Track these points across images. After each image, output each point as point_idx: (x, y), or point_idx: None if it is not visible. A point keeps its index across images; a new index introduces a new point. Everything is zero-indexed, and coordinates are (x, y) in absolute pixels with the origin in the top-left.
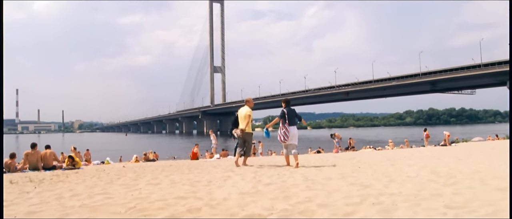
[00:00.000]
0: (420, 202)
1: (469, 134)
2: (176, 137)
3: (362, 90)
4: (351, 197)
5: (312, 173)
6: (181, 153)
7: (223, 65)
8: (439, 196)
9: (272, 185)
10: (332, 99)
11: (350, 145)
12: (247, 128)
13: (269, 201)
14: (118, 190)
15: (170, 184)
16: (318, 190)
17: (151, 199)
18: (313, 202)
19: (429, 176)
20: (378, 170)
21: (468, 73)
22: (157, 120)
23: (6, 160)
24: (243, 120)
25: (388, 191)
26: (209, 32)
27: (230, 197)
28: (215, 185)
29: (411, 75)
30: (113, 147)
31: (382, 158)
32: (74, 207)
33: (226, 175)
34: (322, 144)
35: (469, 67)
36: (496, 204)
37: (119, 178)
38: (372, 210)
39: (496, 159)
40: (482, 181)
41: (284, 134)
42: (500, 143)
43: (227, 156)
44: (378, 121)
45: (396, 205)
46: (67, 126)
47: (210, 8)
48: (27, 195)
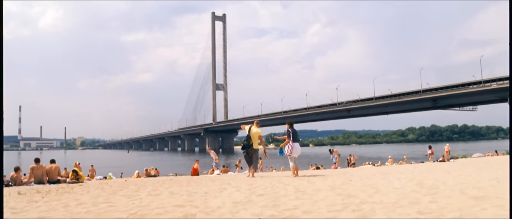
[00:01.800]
0: (396, 209)
1: (470, 151)
2: (178, 154)
3: (364, 107)
4: (335, 205)
5: (304, 185)
6: (183, 169)
7: (225, 83)
8: (416, 204)
9: (264, 195)
10: (334, 117)
11: (350, 161)
12: (255, 144)
13: (259, 209)
14: (120, 199)
15: (169, 195)
16: (306, 199)
17: (151, 206)
18: (299, 209)
19: (414, 187)
20: (367, 183)
21: (469, 90)
22: (159, 137)
23: (12, 174)
24: (255, 139)
25: (370, 200)
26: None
27: (224, 206)
28: (211, 195)
29: (412, 92)
30: (115, 164)
31: (376, 173)
32: (80, 213)
33: (223, 187)
34: (323, 160)
35: (470, 84)
36: (464, 210)
37: (122, 190)
38: (351, 216)
39: (485, 172)
40: (461, 191)
41: (289, 148)
42: (497, 158)
43: (228, 172)
44: (380, 138)
45: (375, 211)
46: (69, 143)
47: (213, 26)
48: (35, 204)
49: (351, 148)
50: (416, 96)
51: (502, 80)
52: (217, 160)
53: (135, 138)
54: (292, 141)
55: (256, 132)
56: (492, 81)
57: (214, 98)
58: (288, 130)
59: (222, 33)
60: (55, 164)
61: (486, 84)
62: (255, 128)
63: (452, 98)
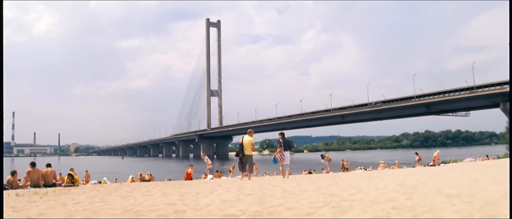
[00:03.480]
0: (373, 205)
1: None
2: (172, 160)
3: (358, 113)
4: (317, 202)
5: (292, 187)
6: (176, 175)
7: (220, 89)
8: (392, 201)
9: (252, 195)
10: (328, 123)
11: (343, 166)
12: (248, 151)
13: (245, 206)
14: (115, 199)
15: (162, 195)
16: (291, 198)
17: (144, 205)
18: (283, 206)
19: (395, 187)
20: (352, 184)
21: (462, 95)
22: (153, 143)
23: (9, 178)
24: (248, 146)
25: (351, 198)
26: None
27: (213, 204)
28: (202, 195)
29: (406, 98)
30: (109, 170)
31: (364, 176)
32: (78, 211)
33: (214, 188)
34: (315, 166)
35: (462, 90)
36: (435, 206)
37: (116, 191)
38: (329, 212)
39: (467, 174)
40: (437, 190)
41: (280, 156)
42: (486, 162)
43: (221, 177)
44: (374, 144)
45: (353, 208)
46: (63, 149)
47: (207, 33)
48: (34, 203)
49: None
50: (409, 102)
51: (494, 86)
52: (210, 166)
53: (130, 144)
54: (283, 150)
55: (248, 140)
56: (484, 87)
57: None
58: (280, 140)
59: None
60: (51, 168)
61: (479, 90)
62: (248, 137)
63: (445, 103)
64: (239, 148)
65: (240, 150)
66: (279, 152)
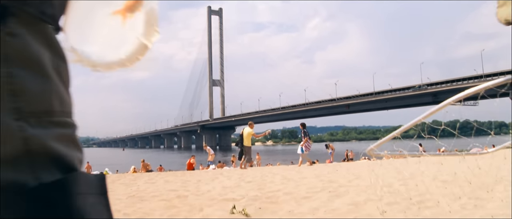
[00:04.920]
0: (367, 190)
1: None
2: (174, 151)
3: (363, 102)
4: (314, 188)
5: (292, 174)
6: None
7: (222, 79)
8: (387, 187)
9: (252, 182)
10: (333, 112)
11: (347, 156)
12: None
13: (245, 191)
14: (119, 187)
15: (165, 183)
16: (290, 184)
17: (147, 191)
18: (281, 191)
19: (393, 174)
20: (352, 172)
21: (470, 84)
22: (155, 134)
23: None
24: (247, 138)
25: (348, 184)
26: (208, 45)
27: (214, 190)
28: (203, 183)
29: (412, 87)
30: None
31: (365, 165)
32: None
33: (215, 176)
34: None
35: (471, 78)
36: (428, 190)
37: (120, 180)
38: (326, 196)
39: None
40: (434, 177)
41: (308, 145)
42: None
43: (224, 167)
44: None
45: (348, 192)
46: None
47: (209, 21)
48: None
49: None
50: (416, 91)
51: (504, 75)
52: (212, 157)
53: (131, 135)
54: (309, 139)
55: (248, 132)
56: (494, 75)
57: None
58: (304, 130)
59: (219, 28)
60: None
61: (487, 79)
62: (248, 129)
63: (453, 92)
64: (239, 138)
65: (240, 140)
66: (305, 142)
